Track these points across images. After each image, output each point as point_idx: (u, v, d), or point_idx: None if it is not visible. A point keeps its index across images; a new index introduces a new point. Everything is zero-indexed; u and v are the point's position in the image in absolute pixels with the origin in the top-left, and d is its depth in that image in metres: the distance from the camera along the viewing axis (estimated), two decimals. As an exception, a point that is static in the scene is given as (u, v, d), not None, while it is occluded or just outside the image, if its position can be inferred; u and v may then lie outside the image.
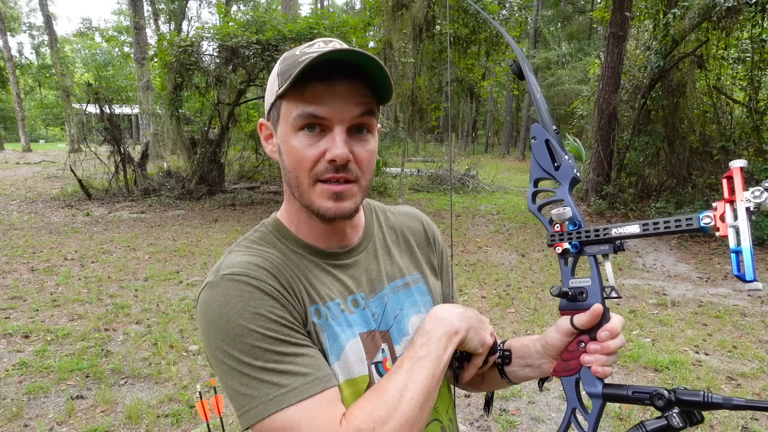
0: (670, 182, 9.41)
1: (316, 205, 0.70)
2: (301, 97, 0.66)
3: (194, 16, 35.13)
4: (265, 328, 0.62)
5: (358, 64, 0.66)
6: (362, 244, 0.80)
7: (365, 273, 0.78)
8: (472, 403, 2.96)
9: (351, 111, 0.67)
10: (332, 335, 0.70)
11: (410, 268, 0.84)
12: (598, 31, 26.44)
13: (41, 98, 38.35)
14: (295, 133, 0.68)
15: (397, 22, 9.64)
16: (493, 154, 29.04)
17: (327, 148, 0.67)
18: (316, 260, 0.75)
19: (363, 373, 0.71)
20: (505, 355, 0.83)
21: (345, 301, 0.74)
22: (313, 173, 0.68)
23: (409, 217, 0.91)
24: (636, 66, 9.34)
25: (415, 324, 0.79)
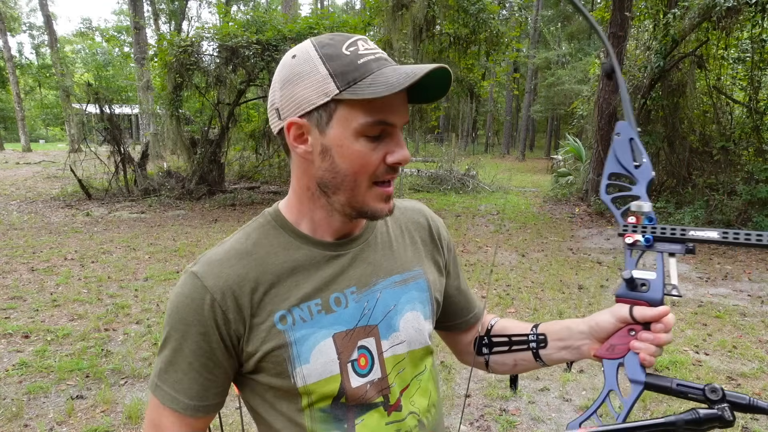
0: (670, 182, 9.41)
1: (369, 207, 0.72)
2: (371, 103, 0.67)
3: (194, 16, 35.16)
4: (181, 338, 0.72)
5: (444, 79, 0.69)
6: (363, 235, 0.81)
7: (361, 265, 0.78)
8: (472, 403, 2.96)
9: (405, 116, 0.71)
10: (300, 339, 0.72)
11: (412, 264, 0.84)
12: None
13: (41, 98, 38.36)
14: (357, 138, 0.68)
15: (397, 22, 9.65)
16: (493, 154, 29.05)
17: (387, 151, 0.70)
18: (310, 251, 0.76)
19: (334, 372, 0.73)
20: (540, 339, 0.86)
21: (326, 301, 0.75)
22: (374, 176, 0.71)
23: (413, 211, 0.91)
24: (636, 66, 9.34)
25: (408, 320, 0.80)
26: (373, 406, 0.76)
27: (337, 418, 0.75)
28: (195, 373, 0.72)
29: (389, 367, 0.78)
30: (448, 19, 10.48)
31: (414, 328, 0.80)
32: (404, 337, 0.79)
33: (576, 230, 8.25)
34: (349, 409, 0.75)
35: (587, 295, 5.02)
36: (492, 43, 10.68)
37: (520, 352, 0.89)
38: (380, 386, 0.77)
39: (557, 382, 3.25)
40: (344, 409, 0.75)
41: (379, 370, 0.77)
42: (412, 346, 0.80)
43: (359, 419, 0.75)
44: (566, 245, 7.25)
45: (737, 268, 6.03)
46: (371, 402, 0.76)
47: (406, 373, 0.80)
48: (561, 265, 6.14)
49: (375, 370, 0.77)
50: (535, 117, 29.83)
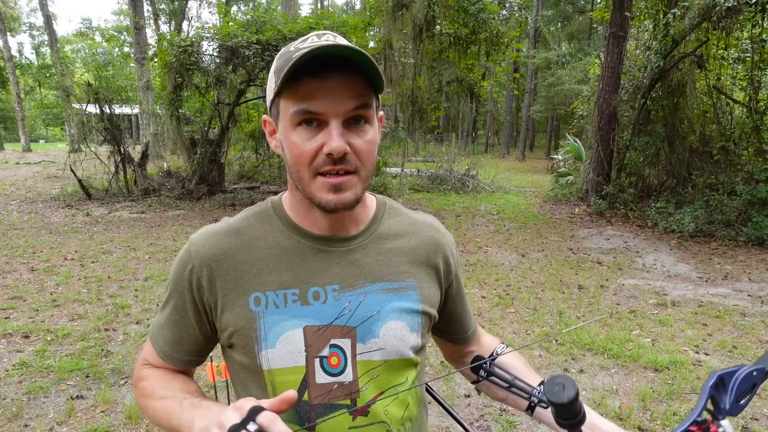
0: (670, 182, 9.41)
1: (317, 198, 0.71)
2: (296, 93, 0.68)
3: (194, 16, 35.11)
4: (169, 291, 0.80)
5: (350, 58, 0.66)
6: (359, 237, 0.80)
7: (349, 266, 0.78)
8: (472, 403, 2.96)
9: (345, 105, 0.68)
10: (269, 323, 0.74)
11: (406, 275, 0.81)
12: (598, 31, 26.43)
13: (41, 98, 38.35)
14: (294, 129, 0.70)
15: (398, 22, 9.64)
16: (493, 154, 29.05)
17: (324, 141, 0.68)
18: (301, 241, 0.78)
19: (299, 363, 0.74)
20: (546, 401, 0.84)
21: (305, 293, 0.75)
22: (313, 167, 0.70)
23: (426, 225, 0.88)
24: (636, 66, 9.34)
25: (390, 329, 0.77)
26: (337, 407, 0.75)
27: (299, 415, 0.75)
28: (172, 324, 0.80)
29: (361, 371, 0.76)
30: (448, 19, 10.48)
31: (396, 337, 0.78)
32: (383, 344, 0.77)
33: (576, 230, 8.25)
34: (312, 408, 0.75)
35: (587, 295, 5.02)
36: (492, 43, 10.66)
37: (516, 396, 0.90)
38: (349, 389, 0.76)
39: (557, 382, 3.25)
40: (307, 408, 0.75)
41: (351, 373, 0.76)
42: (389, 356, 0.78)
43: (321, 419, 0.75)
44: (566, 245, 7.25)
45: (737, 268, 6.03)
46: (336, 403, 0.75)
47: (381, 380, 0.78)
48: (561, 265, 6.14)
49: (347, 372, 0.75)
50: (535, 117, 29.81)
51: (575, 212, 9.57)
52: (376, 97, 0.73)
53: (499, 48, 10.81)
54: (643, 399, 3.02)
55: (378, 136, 0.75)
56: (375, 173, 0.76)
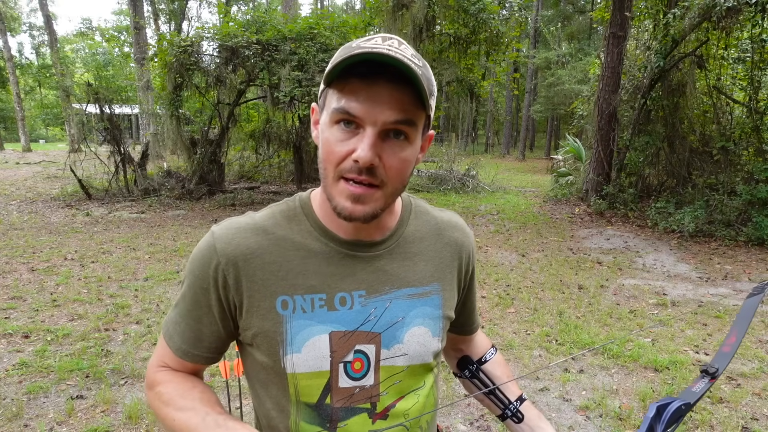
0: (670, 182, 9.41)
1: (335, 201, 0.69)
2: (342, 90, 0.66)
3: (194, 16, 35.13)
4: (189, 286, 0.77)
5: (404, 69, 0.63)
6: (385, 242, 0.79)
7: (375, 272, 0.77)
8: (472, 403, 2.96)
9: (385, 115, 0.64)
10: (295, 328, 0.73)
11: (430, 279, 0.81)
12: (598, 31, 26.43)
13: (41, 98, 38.35)
14: (332, 126, 0.68)
15: (398, 22, 9.64)
16: (493, 154, 29.05)
17: (356, 147, 0.66)
18: (328, 245, 0.76)
19: (323, 368, 0.74)
20: (518, 416, 0.94)
21: (331, 298, 0.74)
22: (339, 169, 0.67)
23: (451, 226, 0.87)
24: (636, 66, 9.34)
25: (414, 335, 0.78)
26: (358, 411, 0.76)
27: (320, 417, 0.75)
28: (191, 320, 0.77)
29: (384, 376, 0.77)
30: (448, 19, 10.48)
31: (419, 343, 0.79)
32: (407, 350, 0.78)
33: (576, 230, 8.25)
34: (333, 410, 0.75)
35: (587, 295, 5.02)
36: (492, 43, 10.67)
37: (492, 403, 0.97)
38: (370, 393, 0.76)
39: (557, 382, 3.25)
40: (328, 410, 0.75)
41: (372, 377, 0.76)
42: (413, 361, 0.79)
43: (343, 423, 0.75)
44: (566, 245, 7.25)
45: (737, 268, 6.03)
46: (356, 407, 0.76)
47: (402, 384, 0.79)
48: (561, 265, 6.14)
49: (369, 376, 0.76)
50: (535, 117, 29.81)
51: (575, 212, 9.57)
52: (426, 116, 0.70)
53: (499, 48, 10.82)
54: (643, 399, 3.02)
55: (417, 155, 0.72)
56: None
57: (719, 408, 2.94)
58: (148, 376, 0.82)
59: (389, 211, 0.79)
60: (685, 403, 0.74)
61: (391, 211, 0.80)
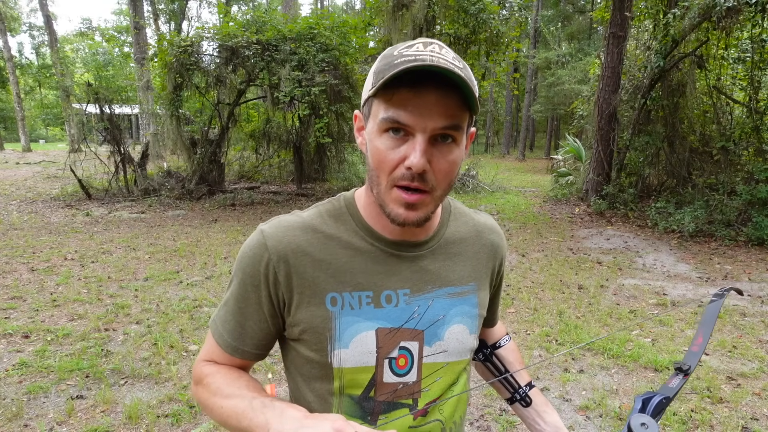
0: (670, 182, 9.41)
1: (388, 208, 0.72)
2: (389, 100, 0.67)
3: (194, 16, 35.13)
4: (239, 284, 0.79)
5: (450, 76, 0.65)
6: (428, 243, 0.82)
7: (419, 271, 0.80)
8: (472, 403, 2.96)
9: (435, 122, 0.66)
10: (344, 324, 0.75)
11: (468, 279, 0.85)
12: (598, 31, 26.43)
13: (41, 98, 38.35)
14: (380, 135, 0.69)
15: (398, 22, 9.64)
16: (493, 154, 29.05)
17: (407, 154, 0.67)
18: (374, 244, 0.79)
19: (369, 363, 0.76)
20: (527, 400, 0.99)
21: (378, 295, 0.77)
22: (392, 177, 0.69)
23: (488, 229, 0.91)
24: (636, 66, 9.34)
25: (454, 332, 0.81)
26: (399, 406, 0.79)
27: (363, 410, 0.78)
28: (241, 317, 0.79)
29: (426, 373, 0.80)
30: (448, 19, 10.48)
31: (458, 340, 0.82)
32: (447, 347, 0.81)
33: (576, 230, 8.25)
34: (376, 404, 0.78)
35: (587, 295, 5.02)
36: (492, 43, 10.67)
37: (502, 386, 1.01)
38: (412, 389, 0.79)
39: (557, 381, 3.25)
40: (371, 403, 0.78)
41: (415, 373, 0.79)
42: (452, 357, 0.82)
43: (384, 416, 0.78)
44: (566, 245, 7.25)
45: (737, 268, 6.03)
46: (399, 402, 0.79)
47: (442, 381, 0.82)
48: (561, 265, 6.14)
49: (412, 373, 0.79)
50: (535, 117, 29.81)
51: (575, 212, 9.57)
52: (470, 116, 0.72)
53: (499, 48, 10.82)
54: (643, 399, 3.02)
55: (463, 154, 0.74)
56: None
57: (719, 408, 2.94)
58: (194, 372, 0.83)
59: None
60: (665, 397, 0.79)
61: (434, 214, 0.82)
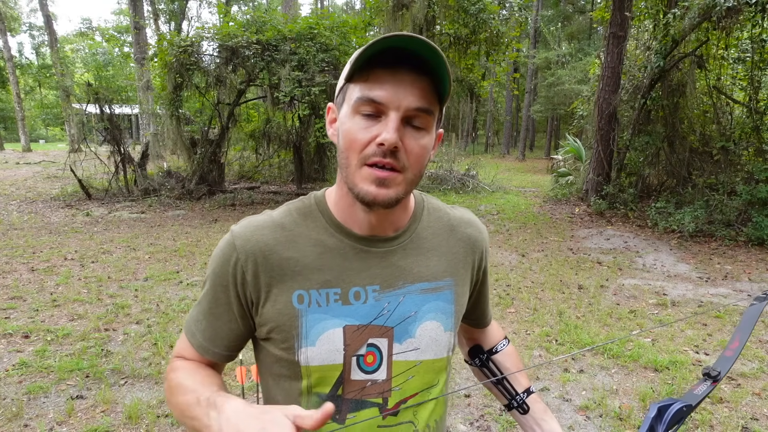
0: (670, 182, 9.41)
1: (358, 188, 0.70)
2: (365, 81, 0.68)
3: (194, 16, 35.15)
4: (210, 284, 0.79)
5: (424, 59, 0.67)
6: (399, 238, 0.80)
7: (389, 267, 0.78)
8: (472, 403, 2.96)
9: (408, 100, 0.68)
10: (310, 322, 0.75)
11: (444, 274, 0.83)
12: (598, 31, 26.43)
13: (41, 98, 38.34)
14: (353, 116, 0.70)
15: (398, 22, 9.64)
16: (493, 154, 29.04)
17: (379, 132, 0.68)
18: (343, 241, 0.78)
19: (337, 361, 0.75)
20: (524, 407, 0.96)
21: (346, 292, 0.76)
22: (362, 155, 0.69)
23: (464, 222, 0.89)
24: (636, 66, 9.34)
25: (427, 329, 0.79)
26: (368, 404, 0.77)
27: None
28: (212, 317, 0.79)
29: (396, 371, 0.78)
30: (448, 19, 10.48)
31: (431, 338, 0.80)
32: (419, 344, 0.79)
33: (576, 230, 8.25)
34: (344, 402, 0.76)
35: (587, 295, 5.02)
36: (492, 43, 10.67)
37: (500, 392, 0.99)
38: (382, 388, 0.77)
39: (557, 382, 3.25)
40: (339, 401, 0.76)
41: (385, 371, 0.77)
42: (426, 356, 0.80)
43: (352, 414, 0.77)
44: (566, 245, 7.25)
45: (737, 268, 6.03)
46: (368, 400, 0.77)
47: (415, 381, 0.80)
48: (561, 265, 6.14)
49: (381, 370, 0.77)
50: (535, 117, 29.80)
51: (575, 212, 9.57)
52: (439, 109, 0.73)
53: (499, 48, 10.82)
54: (643, 399, 3.02)
55: (432, 147, 0.75)
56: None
57: (719, 408, 2.94)
58: (167, 370, 0.83)
59: (404, 208, 0.81)
60: (686, 405, 0.74)
61: (404, 207, 0.81)
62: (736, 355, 0.84)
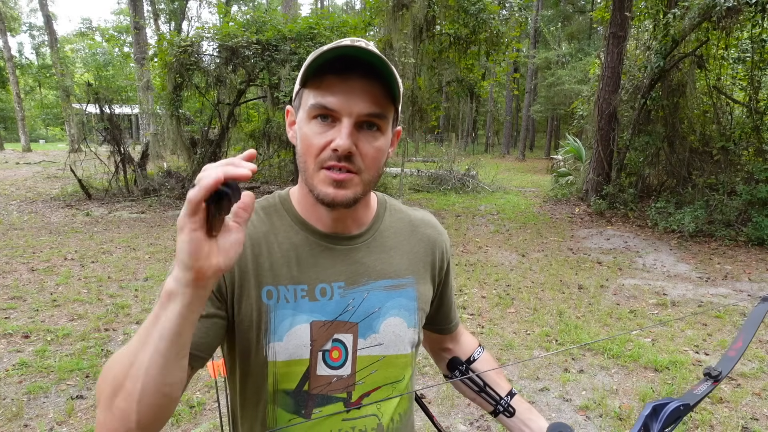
0: (670, 182, 9.41)
1: (317, 190, 0.73)
2: (318, 88, 0.71)
3: (194, 16, 35.15)
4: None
5: (374, 65, 0.69)
6: (362, 236, 0.83)
7: (353, 264, 0.80)
8: (472, 404, 2.96)
9: (359, 107, 0.70)
10: (279, 317, 0.76)
11: (405, 272, 0.84)
12: (598, 31, 26.42)
13: (41, 98, 38.34)
14: (309, 121, 0.72)
15: (398, 22, 9.64)
16: (493, 154, 29.04)
17: (333, 138, 0.70)
18: (308, 237, 0.80)
19: (303, 357, 0.76)
20: (510, 411, 0.96)
21: (312, 289, 0.77)
22: (319, 159, 0.72)
23: (424, 223, 0.91)
24: (636, 66, 9.34)
25: (390, 325, 0.81)
26: (334, 399, 0.78)
27: (297, 404, 0.78)
28: (199, 324, 0.72)
29: (360, 366, 0.79)
30: (449, 19, 10.48)
31: (394, 333, 0.81)
32: (382, 340, 0.80)
33: (576, 230, 8.25)
34: (310, 397, 0.78)
35: (587, 295, 5.02)
36: (492, 43, 10.66)
37: (483, 400, 0.99)
38: (346, 383, 0.79)
39: (557, 382, 3.25)
40: (305, 397, 0.77)
41: (350, 366, 0.79)
42: (389, 351, 0.81)
43: (318, 409, 0.78)
44: (566, 245, 7.25)
45: (737, 268, 6.03)
46: (333, 395, 0.78)
47: (377, 375, 0.81)
48: (561, 265, 6.14)
49: (346, 366, 0.79)
50: (535, 117, 29.79)
51: (575, 212, 9.57)
52: (394, 110, 0.75)
53: (499, 48, 10.81)
54: (643, 399, 3.02)
55: (389, 147, 0.77)
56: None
57: (719, 408, 2.95)
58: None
59: (365, 206, 0.83)
60: (684, 404, 0.74)
61: (367, 206, 0.84)
62: (739, 355, 0.84)
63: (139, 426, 0.59)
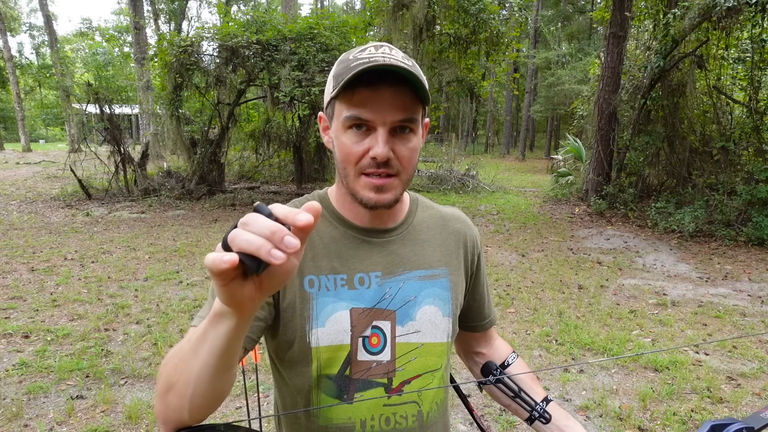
0: (670, 182, 9.40)
1: (360, 195, 0.78)
2: (350, 100, 0.75)
3: (194, 16, 35.15)
4: None
5: (401, 72, 0.73)
6: (397, 229, 0.88)
7: (389, 255, 0.85)
8: (472, 403, 2.96)
9: (393, 115, 0.74)
10: (320, 304, 0.80)
11: (439, 263, 0.89)
12: (598, 31, 26.42)
13: (41, 98, 38.34)
14: (345, 131, 0.77)
15: (398, 22, 9.65)
16: (493, 154, 29.03)
17: (371, 146, 0.75)
18: (346, 232, 0.85)
19: (344, 342, 0.80)
20: (545, 417, 0.94)
21: (351, 278, 0.82)
22: (358, 167, 0.77)
23: (454, 218, 0.97)
24: (636, 66, 9.34)
25: (426, 313, 0.85)
26: (374, 384, 0.82)
27: (339, 389, 0.81)
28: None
29: (400, 353, 0.83)
30: (449, 19, 10.49)
31: (430, 321, 0.85)
32: (419, 327, 0.84)
33: (576, 230, 8.25)
34: (351, 382, 0.82)
35: (587, 295, 5.02)
36: (492, 43, 10.67)
37: (519, 406, 0.97)
38: (387, 368, 0.83)
39: (557, 382, 3.25)
40: (347, 381, 0.81)
41: (389, 352, 0.83)
42: (426, 338, 0.85)
43: (359, 394, 0.82)
44: (566, 245, 7.25)
45: (737, 268, 6.03)
46: (374, 380, 0.82)
47: (417, 363, 0.85)
48: (561, 265, 6.14)
49: (385, 351, 0.83)
50: (535, 117, 29.80)
51: (575, 212, 9.57)
52: (423, 108, 0.79)
53: (499, 48, 10.82)
54: (643, 399, 3.02)
55: (421, 142, 0.82)
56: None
57: (719, 408, 2.95)
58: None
59: (399, 202, 0.87)
60: (747, 427, 0.70)
61: (401, 202, 0.89)
62: None
63: (191, 417, 0.63)
